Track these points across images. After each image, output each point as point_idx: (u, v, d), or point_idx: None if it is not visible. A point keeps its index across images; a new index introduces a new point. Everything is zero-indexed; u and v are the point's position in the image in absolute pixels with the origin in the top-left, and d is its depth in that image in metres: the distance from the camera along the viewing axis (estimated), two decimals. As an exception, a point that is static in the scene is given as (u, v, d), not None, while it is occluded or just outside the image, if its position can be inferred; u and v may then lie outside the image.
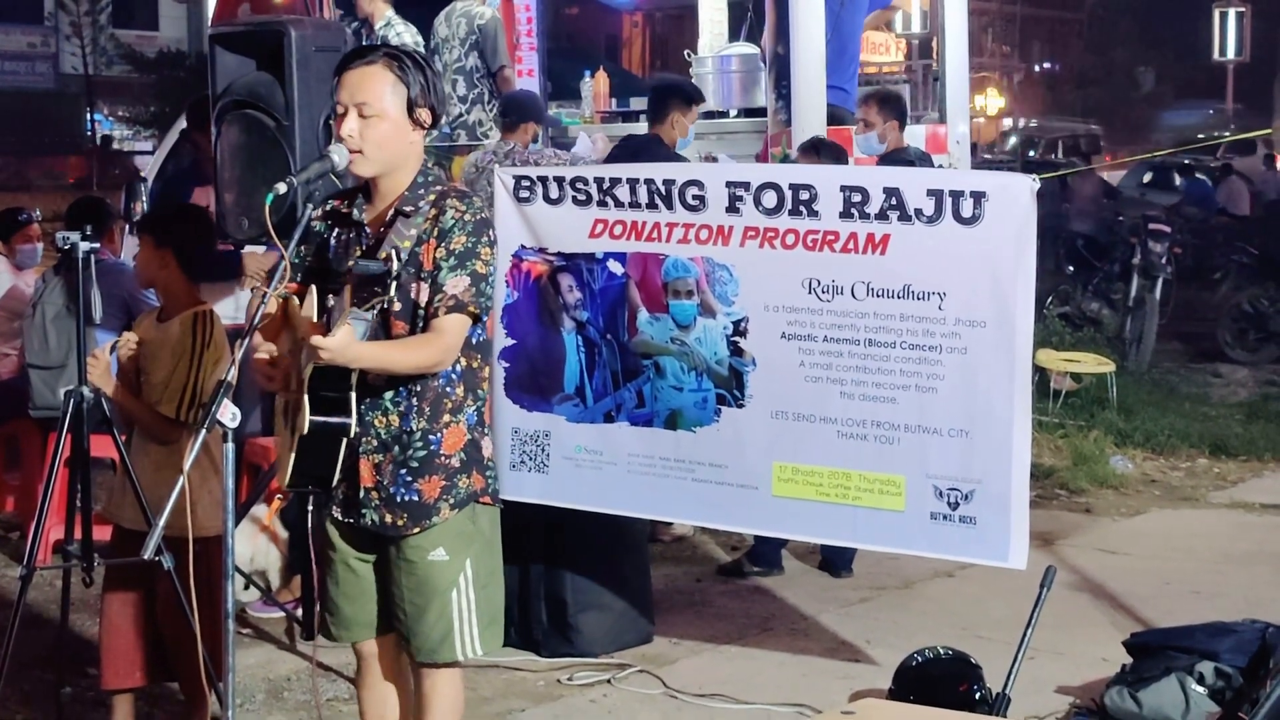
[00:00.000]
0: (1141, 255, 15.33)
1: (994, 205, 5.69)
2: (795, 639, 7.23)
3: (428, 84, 4.47)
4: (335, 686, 6.51)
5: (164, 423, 5.58)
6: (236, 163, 6.39)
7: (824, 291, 5.97)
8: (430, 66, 4.55)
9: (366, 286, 4.15)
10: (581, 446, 6.51)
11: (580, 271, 6.45)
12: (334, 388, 4.33)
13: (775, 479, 6.14)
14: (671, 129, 8.75)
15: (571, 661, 6.84)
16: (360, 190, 4.58)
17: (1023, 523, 5.81)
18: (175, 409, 5.56)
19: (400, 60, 4.46)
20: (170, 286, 5.73)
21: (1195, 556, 8.71)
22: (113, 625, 5.70)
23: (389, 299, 4.29)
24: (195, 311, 5.68)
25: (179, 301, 5.71)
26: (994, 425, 5.76)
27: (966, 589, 7.88)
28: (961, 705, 5.61)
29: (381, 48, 4.61)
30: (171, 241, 5.68)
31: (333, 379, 4.30)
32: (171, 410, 5.57)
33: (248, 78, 6.37)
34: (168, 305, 5.75)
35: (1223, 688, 5.83)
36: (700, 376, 6.25)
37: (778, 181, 6.06)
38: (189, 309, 5.68)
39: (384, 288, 4.19)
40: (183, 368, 5.58)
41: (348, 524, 4.58)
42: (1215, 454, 11.38)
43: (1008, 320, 5.70)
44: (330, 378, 4.29)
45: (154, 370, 5.63)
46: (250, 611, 7.47)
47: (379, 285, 4.21)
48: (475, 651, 4.60)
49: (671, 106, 8.79)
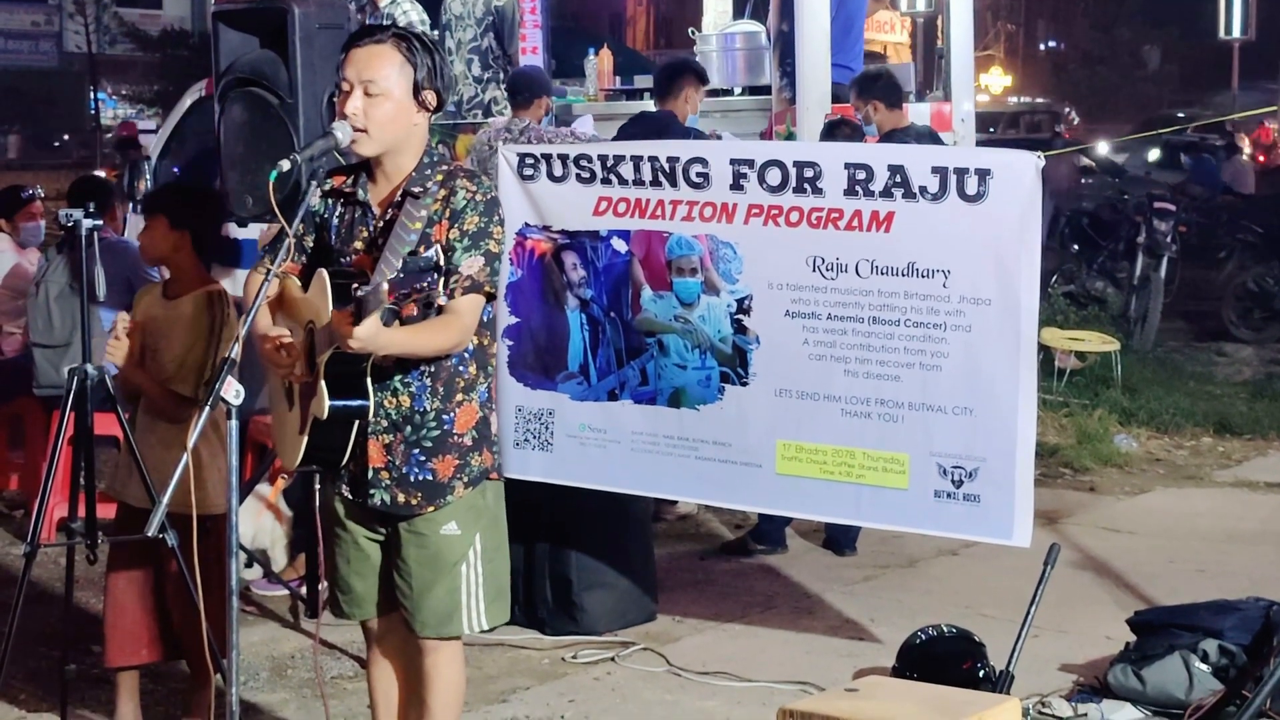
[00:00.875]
0: (1146, 234, 15.30)
1: (999, 183, 5.68)
2: (799, 617, 7.24)
3: (435, 67, 4.46)
4: (339, 664, 6.52)
5: (176, 400, 5.58)
6: (240, 141, 6.38)
7: (828, 269, 5.96)
8: (438, 50, 4.53)
9: (409, 283, 4.05)
10: (585, 425, 6.51)
11: (584, 249, 6.44)
12: (348, 371, 4.32)
13: (779, 457, 6.13)
14: (685, 104, 8.75)
15: (576, 640, 6.85)
16: (362, 168, 4.57)
17: (1027, 501, 5.80)
18: (192, 387, 5.56)
19: (409, 41, 4.45)
20: (181, 265, 5.72)
21: (1199, 535, 8.71)
22: (117, 603, 5.70)
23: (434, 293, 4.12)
24: (209, 291, 5.67)
25: (189, 280, 5.70)
26: (998, 403, 5.75)
27: (970, 567, 7.88)
28: (965, 683, 5.61)
29: (390, 28, 4.60)
30: (189, 224, 5.68)
31: (346, 361, 4.29)
32: (188, 389, 5.56)
33: (251, 55, 6.35)
34: (177, 283, 5.73)
35: (1226, 665, 5.83)
36: (704, 354, 6.25)
37: (782, 159, 6.05)
38: (200, 288, 5.68)
39: (430, 282, 4.03)
40: (199, 346, 5.58)
41: (356, 503, 4.58)
42: (1220, 433, 11.37)
43: (1012, 298, 5.69)
44: (343, 360, 4.29)
45: (165, 348, 5.62)
46: (254, 589, 7.48)
47: (425, 280, 4.03)
48: (481, 625, 4.62)
49: (685, 83, 8.79)
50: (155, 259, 5.83)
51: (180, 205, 5.75)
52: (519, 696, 6.25)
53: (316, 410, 4.32)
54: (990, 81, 47.48)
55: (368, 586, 4.69)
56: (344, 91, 4.42)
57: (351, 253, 4.50)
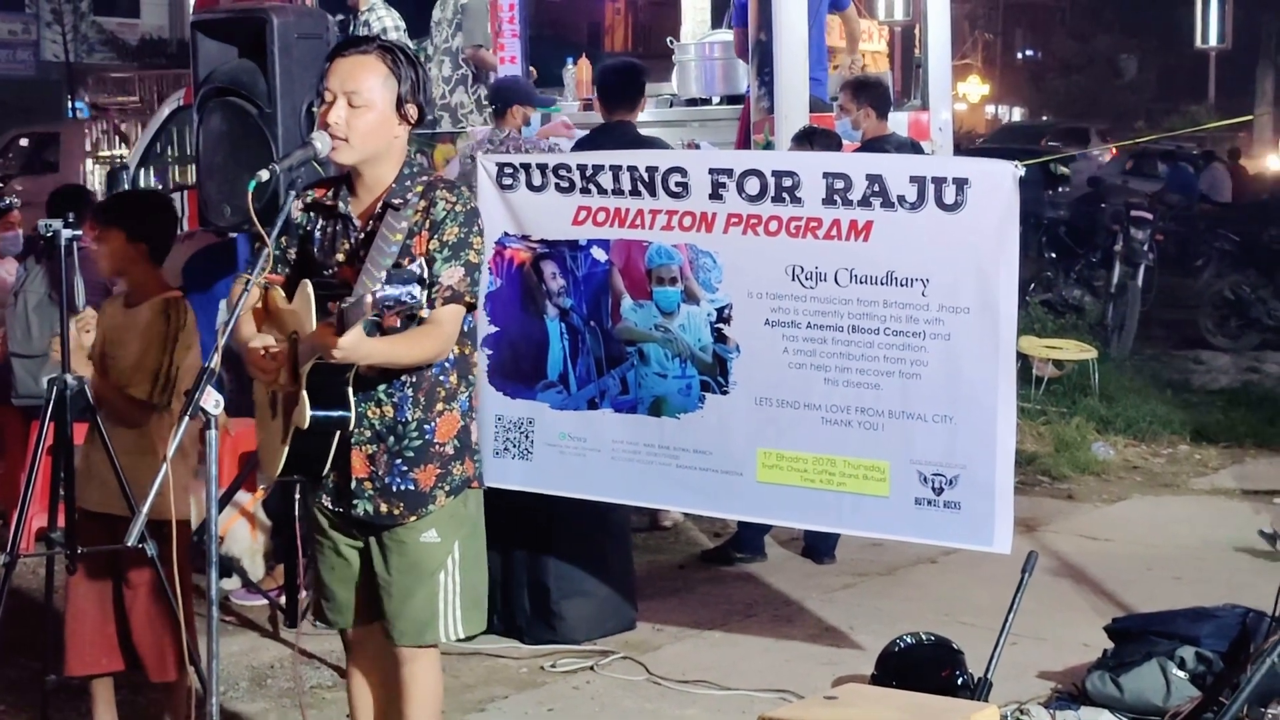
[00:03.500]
0: (1124, 242, 15.37)
1: (976, 192, 5.70)
2: (778, 625, 7.25)
3: (418, 81, 4.50)
4: (319, 674, 6.51)
5: (133, 405, 5.56)
6: (219, 150, 6.39)
7: (807, 278, 5.98)
8: (421, 65, 4.57)
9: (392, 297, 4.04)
10: (565, 433, 6.51)
11: (563, 258, 6.45)
12: (331, 381, 4.33)
13: (760, 465, 6.14)
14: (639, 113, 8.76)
15: (554, 648, 6.85)
16: (343, 180, 4.58)
17: (1007, 508, 5.81)
18: (147, 391, 5.55)
19: (394, 54, 4.49)
20: (139, 276, 5.70)
21: (1176, 542, 8.74)
22: (77, 610, 5.68)
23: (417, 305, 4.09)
24: (167, 297, 5.66)
25: (149, 289, 5.68)
26: (978, 411, 5.77)
27: (949, 575, 7.90)
28: (944, 690, 5.63)
29: (376, 39, 4.63)
30: (144, 234, 5.66)
31: (329, 372, 4.31)
32: (142, 392, 5.55)
33: (230, 65, 6.36)
34: (136, 292, 5.71)
35: (1204, 672, 5.85)
36: (684, 363, 6.26)
37: (761, 168, 6.07)
38: (159, 295, 5.67)
39: (412, 297, 3.99)
40: (154, 351, 5.56)
41: (338, 513, 4.59)
42: (1196, 440, 11.41)
43: (991, 306, 5.71)
44: (326, 371, 4.30)
45: (121, 354, 5.61)
46: (233, 599, 7.47)
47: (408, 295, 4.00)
48: (458, 633, 4.63)
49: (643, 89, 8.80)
50: (115, 271, 5.79)
51: (136, 217, 5.72)
52: (497, 705, 6.25)
53: (298, 420, 4.33)
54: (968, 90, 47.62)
55: (349, 594, 4.70)
56: (327, 101, 4.44)
57: (334, 265, 4.51)
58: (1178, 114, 42.51)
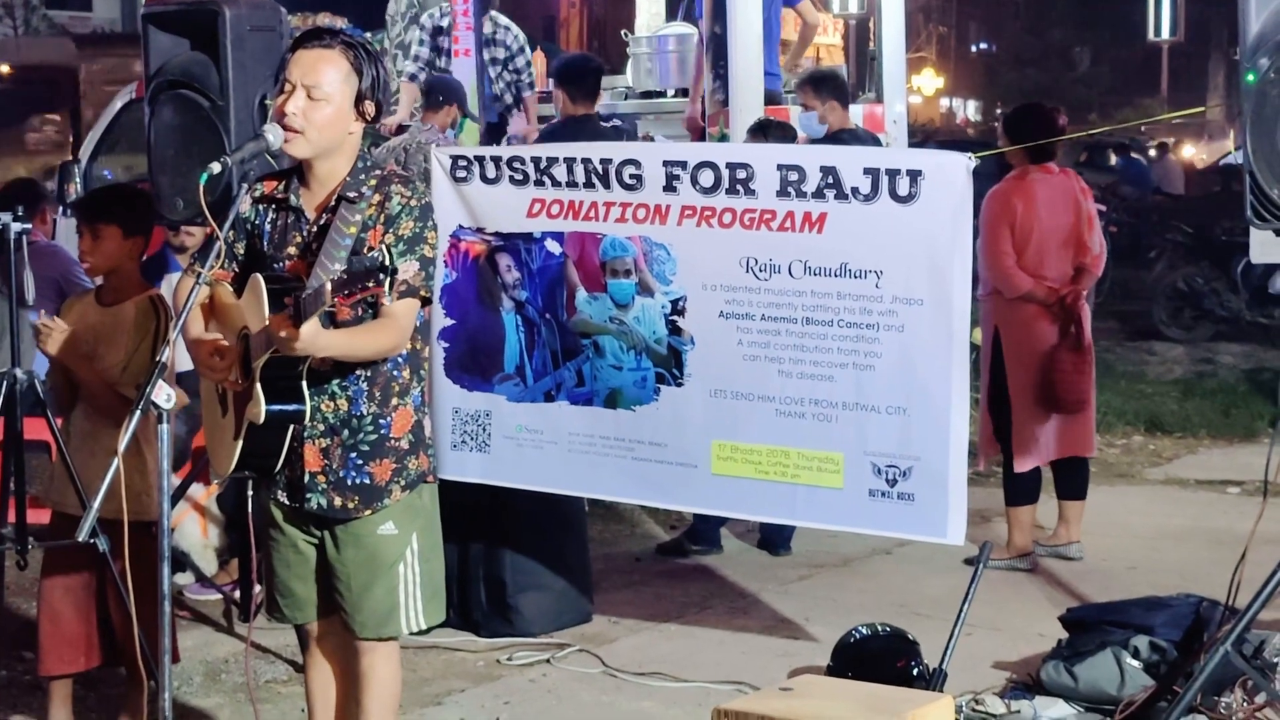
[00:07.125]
0: (1077, 234, 15.39)
1: (930, 184, 5.71)
2: (734, 617, 7.26)
3: (378, 78, 4.49)
4: (273, 668, 6.49)
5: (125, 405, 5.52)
6: (171, 143, 6.33)
7: (761, 270, 5.98)
8: (381, 62, 4.55)
9: (354, 282, 4.05)
10: (522, 426, 6.50)
11: (518, 251, 6.44)
12: (284, 375, 4.31)
13: (714, 457, 6.15)
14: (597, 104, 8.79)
15: (511, 641, 6.84)
16: (294, 173, 4.56)
17: (960, 499, 5.83)
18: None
19: (357, 50, 4.47)
20: (128, 272, 5.66)
21: (1131, 532, 8.79)
22: (54, 611, 5.64)
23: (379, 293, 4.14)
24: (150, 295, 5.64)
25: (130, 287, 5.64)
26: (932, 403, 5.78)
27: (904, 566, 7.92)
28: (899, 681, 5.64)
29: (340, 32, 4.60)
30: (139, 230, 5.64)
31: (281, 366, 4.29)
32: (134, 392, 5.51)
33: (181, 58, 6.31)
34: (116, 290, 5.65)
35: (1158, 661, 5.88)
36: (639, 355, 6.25)
37: (715, 160, 6.06)
38: (141, 293, 5.63)
39: (376, 282, 4.02)
40: (145, 349, 5.52)
41: (293, 508, 4.57)
42: (1151, 431, 11.48)
43: (944, 298, 5.72)
44: (278, 365, 4.28)
45: (108, 354, 5.55)
46: (188, 594, 7.44)
47: (370, 280, 4.03)
48: (419, 624, 4.64)
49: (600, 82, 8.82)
50: (108, 269, 5.66)
51: (130, 212, 5.68)
52: (454, 699, 6.24)
53: (253, 415, 4.31)
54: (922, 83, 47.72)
55: (308, 590, 4.68)
56: (285, 91, 4.41)
57: (285, 258, 4.49)
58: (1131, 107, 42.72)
